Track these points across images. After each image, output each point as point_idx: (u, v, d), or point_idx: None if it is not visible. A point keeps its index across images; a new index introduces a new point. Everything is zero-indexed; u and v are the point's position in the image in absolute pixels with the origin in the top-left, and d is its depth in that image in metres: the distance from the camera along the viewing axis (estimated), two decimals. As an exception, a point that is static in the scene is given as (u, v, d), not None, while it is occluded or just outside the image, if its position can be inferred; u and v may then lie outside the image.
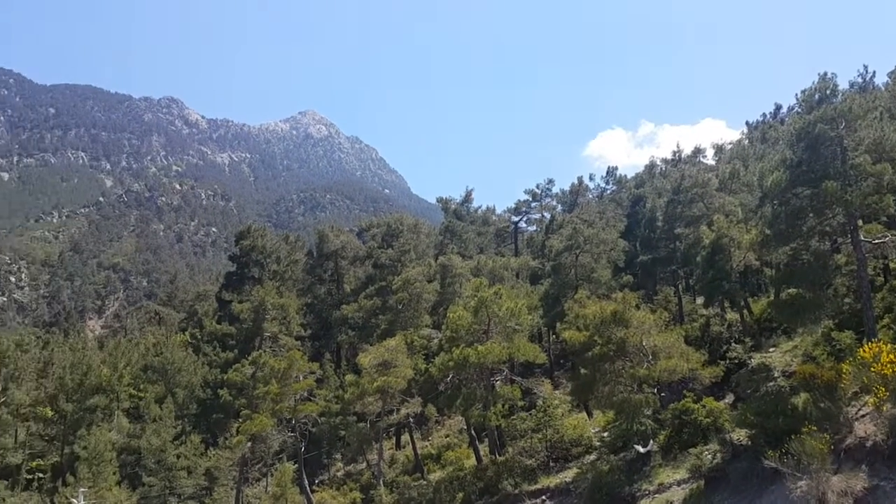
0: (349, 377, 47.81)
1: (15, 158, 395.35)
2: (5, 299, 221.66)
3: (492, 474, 38.01)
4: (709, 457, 28.92)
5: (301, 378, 46.87)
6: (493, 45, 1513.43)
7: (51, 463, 56.76)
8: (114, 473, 46.20)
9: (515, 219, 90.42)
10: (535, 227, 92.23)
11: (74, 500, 40.68)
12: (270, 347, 58.11)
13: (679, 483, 29.27)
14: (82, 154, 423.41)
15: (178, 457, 50.29)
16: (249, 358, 52.24)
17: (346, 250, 74.37)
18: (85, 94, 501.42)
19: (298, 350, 53.04)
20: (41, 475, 55.50)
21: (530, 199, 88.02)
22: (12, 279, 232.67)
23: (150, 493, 48.82)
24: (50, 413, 54.90)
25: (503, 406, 39.73)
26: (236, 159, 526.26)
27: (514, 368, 47.23)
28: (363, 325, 61.96)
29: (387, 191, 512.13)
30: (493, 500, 36.58)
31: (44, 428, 56.95)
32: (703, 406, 32.38)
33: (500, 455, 41.05)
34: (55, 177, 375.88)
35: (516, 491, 35.65)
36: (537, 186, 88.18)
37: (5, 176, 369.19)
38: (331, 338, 70.75)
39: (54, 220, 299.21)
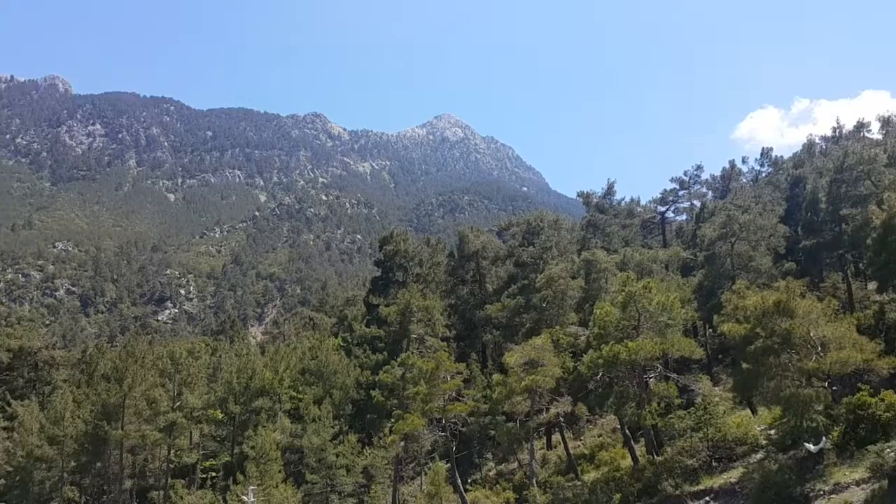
0: (496, 377, 47.56)
1: (179, 180, 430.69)
2: (177, 310, 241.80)
3: (650, 475, 36.60)
4: (892, 455, 26.78)
5: (449, 378, 47.18)
6: (630, 31, 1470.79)
7: (222, 462, 60.64)
8: (279, 471, 48.47)
9: (662, 209, 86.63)
10: (683, 217, 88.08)
11: (245, 498, 43.01)
12: (417, 349, 59.03)
13: (858, 483, 27.42)
14: (238, 172, 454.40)
15: (338, 455, 52.08)
16: (398, 359, 53.31)
17: (486, 250, 74.36)
18: (238, 116, 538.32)
19: (444, 351, 53.53)
20: (214, 474, 59.48)
21: (677, 187, 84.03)
22: (182, 291, 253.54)
23: (312, 490, 50.89)
24: (220, 415, 58.70)
25: (658, 404, 37.99)
26: (377, 167, 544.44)
27: (668, 365, 45.10)
28: (507, 325, 61.62)
29: (525, 188, 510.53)
30: (652, 501, 35.22)
31: (215, 429, 61.02)
32: (882, 400, 29.98)
33: (657, 455, 39.36)
34: (215, 195, 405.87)
35: (677, 492, 34.10)
36: (685, 174, 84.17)
37: (172, 197, 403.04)
38: (475, 338, 71.00)
39: (216, 236, 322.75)
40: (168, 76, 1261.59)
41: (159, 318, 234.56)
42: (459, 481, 46.59)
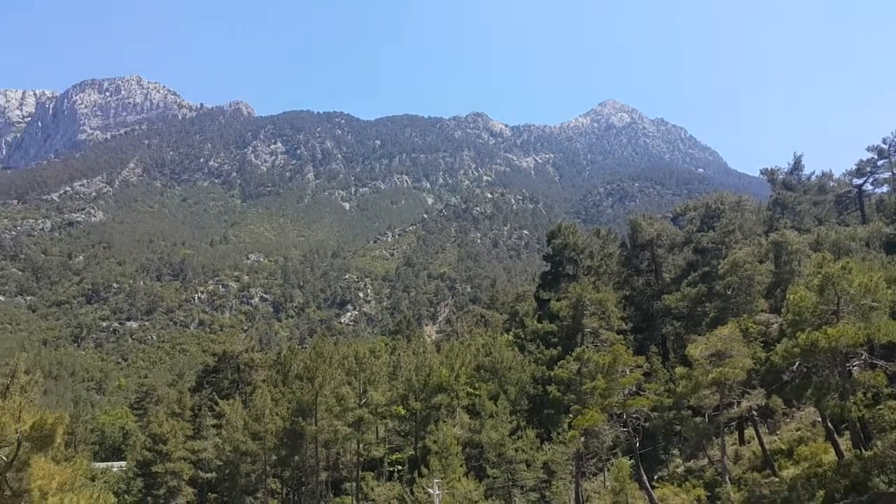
0: (679, 370, 45.23)
1: (353, 189, 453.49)
2: (357, 312, 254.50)
3: (858, 470, 33.10)
4: None
5: (627, 372, 45.60)
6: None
7: (407, 456, 62.74)
8: (461, 465, 49.17)
9: (858, 181, 78.17)
10: (884, 189, 78.79)
11: (430, 490, 44.01)
12: (592, 342, 57.59)
13: None
14: (406, 177, 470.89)
15: (517, 450, 52.02)
16: (573, 354, 52.24)
17: (661, 238, 71.12)
18: (403, 122, 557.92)
19: (621, 344, 51.76)
20: (400, 467, 61.67)
21: (876, 156, 75.39)
22: (360, 294, 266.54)
23: (494, 484, 51.18)
24: (402, 411, 60.70)
25: (864, 394, 34.24)
26: (540, 161, 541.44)
27: (874, 351, 40.50)
28: (688, 315, 58.53)
29: (700, 170, 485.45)
30: (861, 499, 31.83)
31: (399, 425, 63.21)
32: None
33: (865, 449, 35.47)
34: (386, 201, 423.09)
35: (891, 489, 30.51)
36: (884, 141, 75.21)
37: (347, 206, 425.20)
38: (654, 329, 68.13)
39: (388, 240, 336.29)
40: (338, 92, 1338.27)
41: (342, 321, 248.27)
42: (645, 478, 44.83)
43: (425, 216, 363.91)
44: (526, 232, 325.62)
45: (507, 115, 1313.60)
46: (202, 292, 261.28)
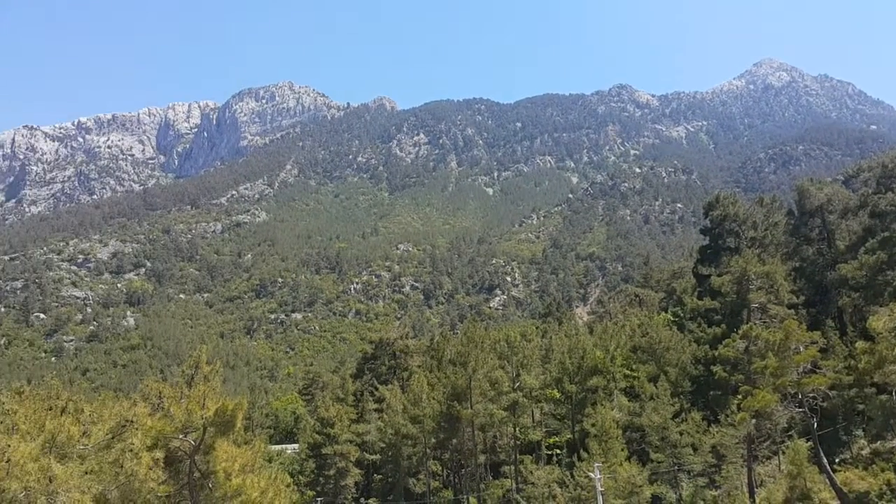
0: (860, 344, 41.24)
1: (495, 174, 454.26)
2: (505, 297, 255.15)
3: None
4: None
5: (801, 349, 42.16)
6: None
7: (565, 439, 61.92)
8: (622, 449, 47.85)
9: None
10: None
11: (591, 474, 43.09)
12: (760, 319, 53.81)
13: None
14: (549, 158, 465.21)
15: (681, 434, 49.92)
16: (739, 332, 49.12)
17: (832, 203, 65.28)
18: (544, 102, 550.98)
19: (793, 319, 47.97)
20: (558, 451, 60.98)
21: None
22: (508, 279, 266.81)
23: (658, 468, 49.44)
24: (557, 394, 59.95)
25: None
26: (692, 129, 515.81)
27: None
28: (868, 285, 53.34)
29: (873, 127, 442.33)
30: None
31: (554, 408, 62.54)
32: None
33: None
34: (529, 183, 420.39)
35: None
36: None
37: (490, 191, 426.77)
38: (829, 302, 62.78)
39: (533, 222, 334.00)
40: (476, 79, 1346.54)
41: (490, 305, 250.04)
42: (825, 461, 41.37)
43: (570, 196, 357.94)
44: (679, 205, 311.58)
45: (652, 85, 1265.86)
46: (357, 283, 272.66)
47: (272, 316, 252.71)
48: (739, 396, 44.30)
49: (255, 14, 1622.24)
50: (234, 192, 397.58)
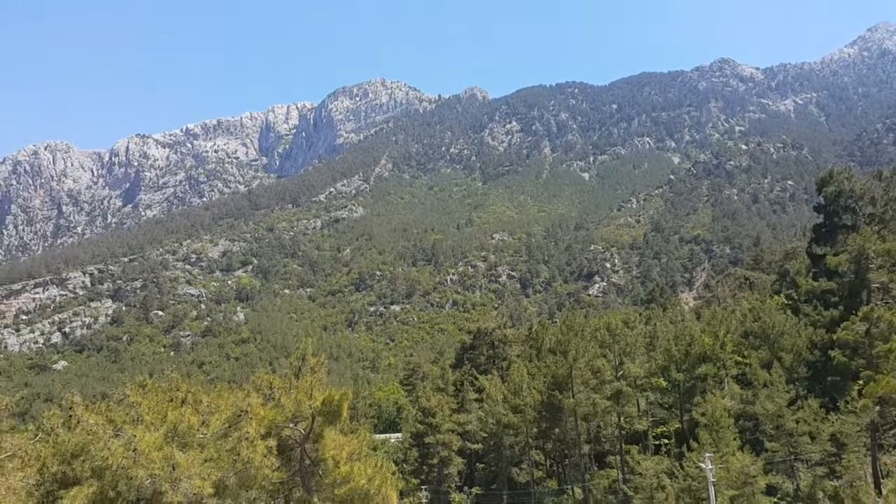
0: None
1: (591, 158, 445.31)
2: (605, 283, 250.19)
3: None
4: None
5: (932, 331, 39.17)
6: None
7: (673, 429, 60.16)
8: (734, 439, 46.17)
9: None
10: None
11: (702, 465, 41.73)
12: (882, 300, 50.47)
13: None
14: (647, 139, 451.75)
15: (798, 422, 47.62)
16: (859, 314, 46.21)
17: (962, 172, 60.20)
18: (640, 82, 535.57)
19: (920, 299, 44.66)
20: (666, 441, 59.32)
21: None
22: (608, 265, 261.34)
23: (773, 458, 47.42)
24: (663, 383, 58.29)
25: None
26: (801, 102, 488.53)
27: None
28: None
29: None
30: None
31: (661, 397, 60.85)
32: None
33: None
34: (627, 166, 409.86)
35: None
36: None
37: (586, 176, 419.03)
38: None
39: (633, 206, 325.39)
40: (568, 62, 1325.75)
41: (590, 293, 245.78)
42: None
43: (672, 177, 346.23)
44: (790, 182, 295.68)
45: (756, 58, 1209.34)
46: (453, 274, 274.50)
47: (372, 308, 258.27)
48: (860, 382, 41.81)
49: (347, 14, 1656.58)
50: (331, 189, 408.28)
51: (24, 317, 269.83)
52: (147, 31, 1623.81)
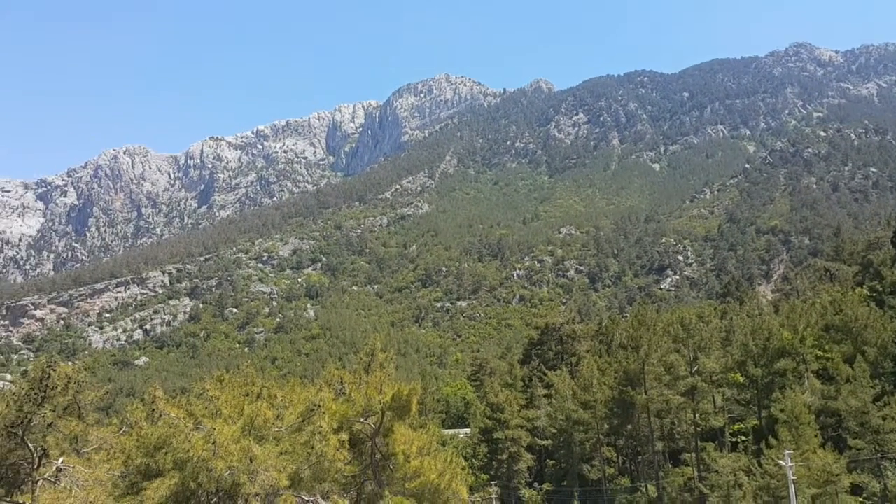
0: None
1: (661, 149, 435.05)
2: (678, 277, 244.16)
3: None
4: None
5: None
6: None
7: (750, 426, 58.32)
8: (815, 436, 44.51)
9: None
10: None
11: (781, 462, 40.35)
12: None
13: None
14: (721, 127, 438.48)
15: (884, 418, 45.46)
16: (952, 306, 43.75)
17: None
18: (712, 68, 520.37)
19: None
20: (743, 438, 57.54)
21: None
22: (680, 258, 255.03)
23: (858, 456, 45.47)
24: (740, 379, 56.53)
25: None
26: (885, 85, 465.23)
27: None
28: None
29: None
30: None
31: (737, 393, 59.02)
32: None
33: None
34: (699, 156, 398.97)
35: None
36: None
37: (656, 167, 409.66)
38: None
39: (706, 197, 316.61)
40: (636, 50, 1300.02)
41: (661, 287, 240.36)
42: None
43: (747, 166, 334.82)
44: (873, 169, 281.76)
45: (834, 40, 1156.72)
46: (520, 269, 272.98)
47: (438, 304, 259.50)
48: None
49: (412, 10, 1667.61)
50: (397, 186, 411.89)
51: (107, 315, 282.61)
52: (218, 35, 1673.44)
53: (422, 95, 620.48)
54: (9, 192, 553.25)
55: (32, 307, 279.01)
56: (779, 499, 41.81)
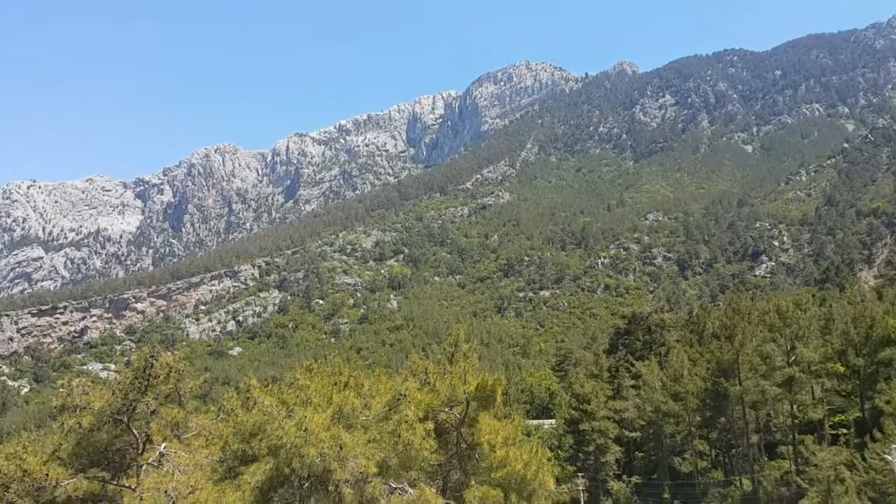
0: None
1: (754, 129, 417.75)
2: (773, 263, 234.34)
3: None
4: None
5: None
6: None
7: (853, 418, 55.52)
8: (925, 431, 41.86)
9: None
10: None
11: (887, 457, 38.43)
12: None
13: None
14: (816, 106, 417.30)
15: None
16: None
17: None
18: (807, 44, 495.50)
19: None
20: (844, 430, 54.82)
21: None
22: (775, 243, 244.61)
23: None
24: (841, 369, 53.84)
25: None
26: None
27: None
28: None
29: None
30: None
31: (837, 384, 56.22)
32: None
33: None
34: (794, 136, 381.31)
35: None
36: None
37: (749, 148, 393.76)
38: None
39: (802, 179, 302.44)
40: (725, 28, 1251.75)
41: (756, 273, 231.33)
42: None
43: (846, 145, 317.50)
44: None
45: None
46: (604, 257, 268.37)
47: (521, 294, 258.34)
48: None
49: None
50: (478, 176, 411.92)
51: (202, 307, 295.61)
52: (300, 35, 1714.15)
53: (501, 83, 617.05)
54: (109, 191, 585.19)
55: (134, 300, 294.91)
56: (885, 495, 39.72)
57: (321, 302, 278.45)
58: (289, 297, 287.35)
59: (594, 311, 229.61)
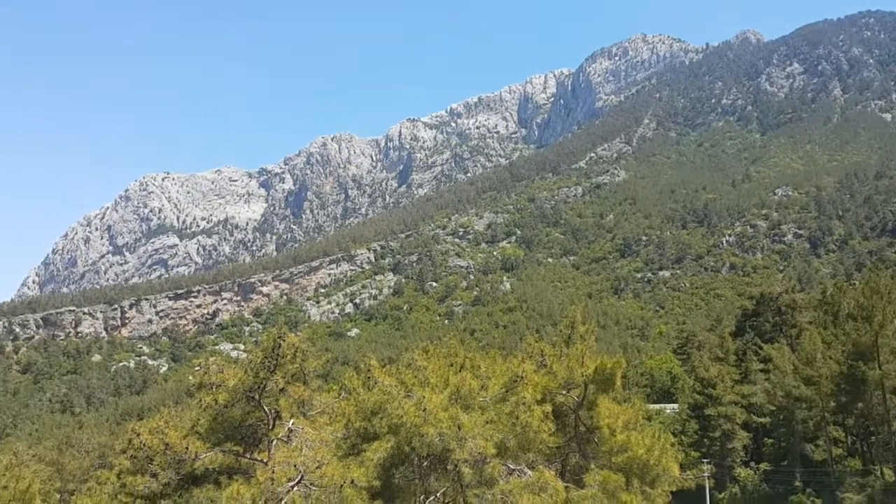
0: None
1: (893, 97, 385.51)
2: None
3: None
4: None
5: None
6: None
7: None
8: None
9: None
10: None
11: None
12: None
13: None
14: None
15: None
16: None
17: None
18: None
19: None
20: None
21: None
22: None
23: None
24: None
25: None
26: None
27: None
28: None
29: None
30: None
31: None
32: None
33: None
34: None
35: None
36: None
37: (888, 117, 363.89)
38: None
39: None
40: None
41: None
42: None
43: None
44: None
45: None
46: (729, 235, 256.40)
47: (638, 275, 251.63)
48: None
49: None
50: (592, 155, 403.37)
51: (322, 290, 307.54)
52: (409, 21, 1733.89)
53: (616, 58, 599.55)
54: (236, 181, 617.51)
55: (259, 284, 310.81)
56: None
57: (434, 284, 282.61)
58: (403, 280, 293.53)
59: (718, 292, 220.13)
